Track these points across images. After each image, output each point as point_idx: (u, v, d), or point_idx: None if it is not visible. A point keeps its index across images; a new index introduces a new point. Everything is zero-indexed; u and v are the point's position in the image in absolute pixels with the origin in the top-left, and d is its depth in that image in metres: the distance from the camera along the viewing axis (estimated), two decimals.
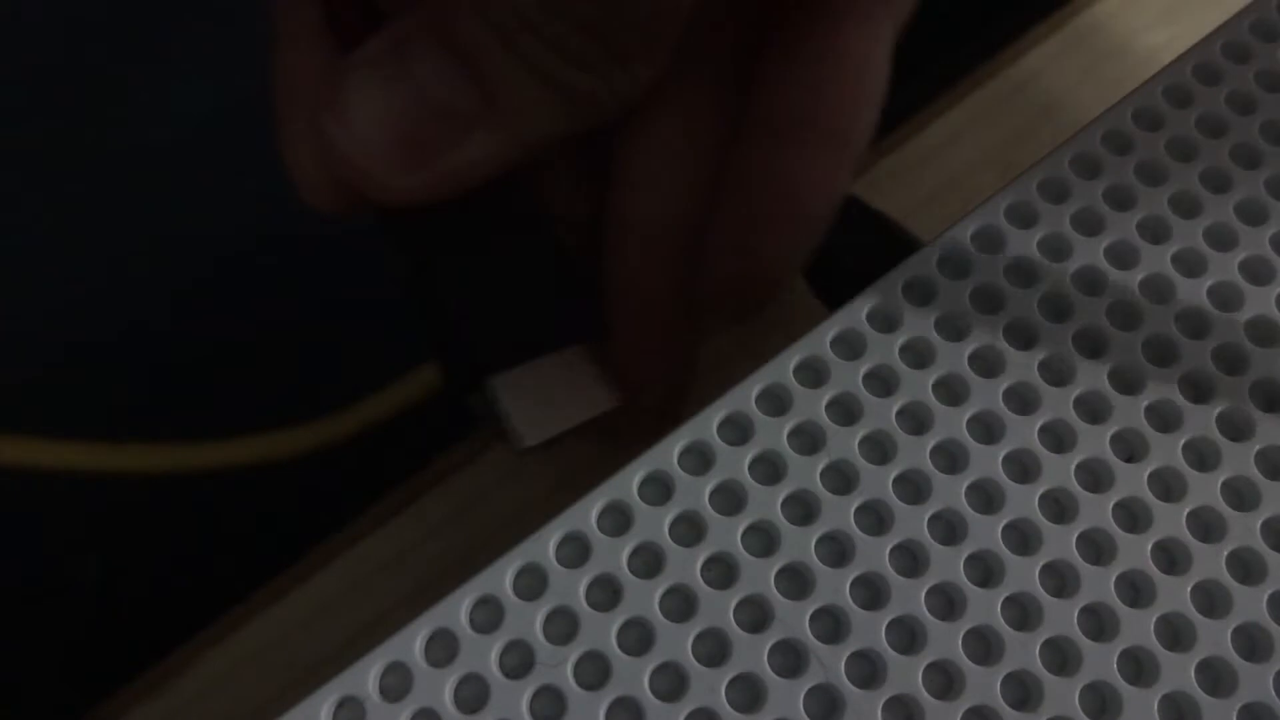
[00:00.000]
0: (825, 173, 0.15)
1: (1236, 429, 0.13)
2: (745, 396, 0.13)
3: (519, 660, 0.12)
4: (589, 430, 0.15)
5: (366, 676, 0.12)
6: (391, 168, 0.14)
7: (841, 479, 0.13)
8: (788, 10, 0.16)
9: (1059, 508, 0.13)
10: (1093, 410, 0.13)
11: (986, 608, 0.12)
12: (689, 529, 0.13)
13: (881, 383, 0.13)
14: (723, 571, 0.12)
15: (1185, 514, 0.13)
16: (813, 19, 0.16)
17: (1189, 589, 0.12)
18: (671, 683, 0.12)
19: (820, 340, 0.14)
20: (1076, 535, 0.12)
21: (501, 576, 0.12)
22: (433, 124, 0.14)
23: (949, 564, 0.12)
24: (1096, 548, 0.13)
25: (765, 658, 0.12)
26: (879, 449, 0.13)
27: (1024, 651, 0.12)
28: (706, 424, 0.13)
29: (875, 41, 0.16)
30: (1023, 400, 0.13)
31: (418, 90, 0.14)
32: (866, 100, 0.16)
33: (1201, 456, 0.13)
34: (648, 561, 0.12)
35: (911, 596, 0.12)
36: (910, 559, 0.12)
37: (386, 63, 0.14)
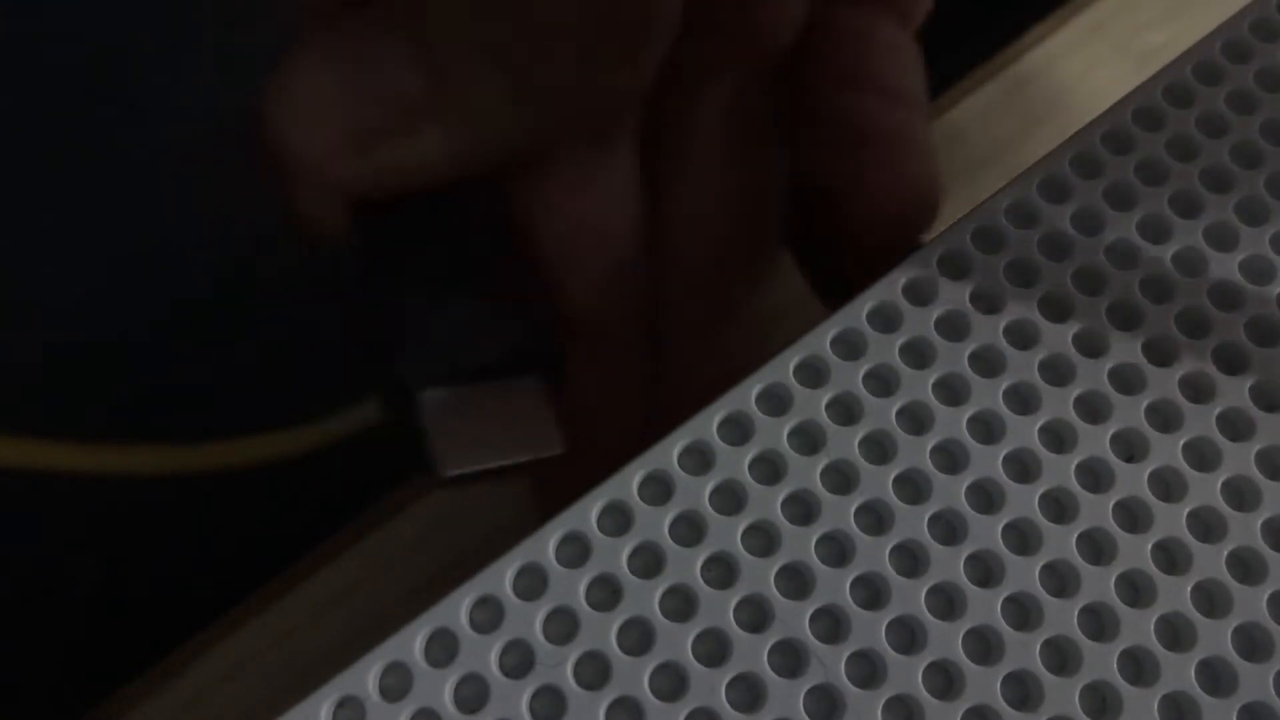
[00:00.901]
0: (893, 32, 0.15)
1: (1236, 429, 0.13)
2: (745, 396, 0.13)
3: (519, 660, 0.12)
4: (525, 477, 0.14)
5: (366, 676, 0.12)
6: (329, 155, 0.13)
7: (841, 479, 0.13)
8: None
9: (1059, 508, 0.13)
10: (1093, 410, 0.13)
11: (986, 608, 0.12)
12: (689, 529, 0.13)
13: (881, 382, 0.13)
14: (723, 571, 0.12)
15: (1185, 514, 0.13)
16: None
17: (1189, 589, 0.12)
18: (671, 682, 0.12)
19: (820, 340, 0.14)
20: (1076, 535, 0.12)
21: (501, 576, 0.12)
22: (379, 111, 0.13)
23: (949, 564, 0.12)
24: (1096, 548, 0.13)
25: (765, 658, 0.12)
26: (879, 449, 0.13)
27: (1024, 651, 0.12)
28: (706, 423, 0.13)
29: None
30: (1023, 400, 0.13)
31: (368, 74, 0.13)
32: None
33: (1202, 456, 0.13)
34: (648, 561, 0.12)
35: (911, 596, 0.12)
36: (910, 559, 0.12)
37: (344, 43, 0.13)
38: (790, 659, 0.12)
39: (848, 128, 0.15)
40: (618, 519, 0.13)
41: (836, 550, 0.12)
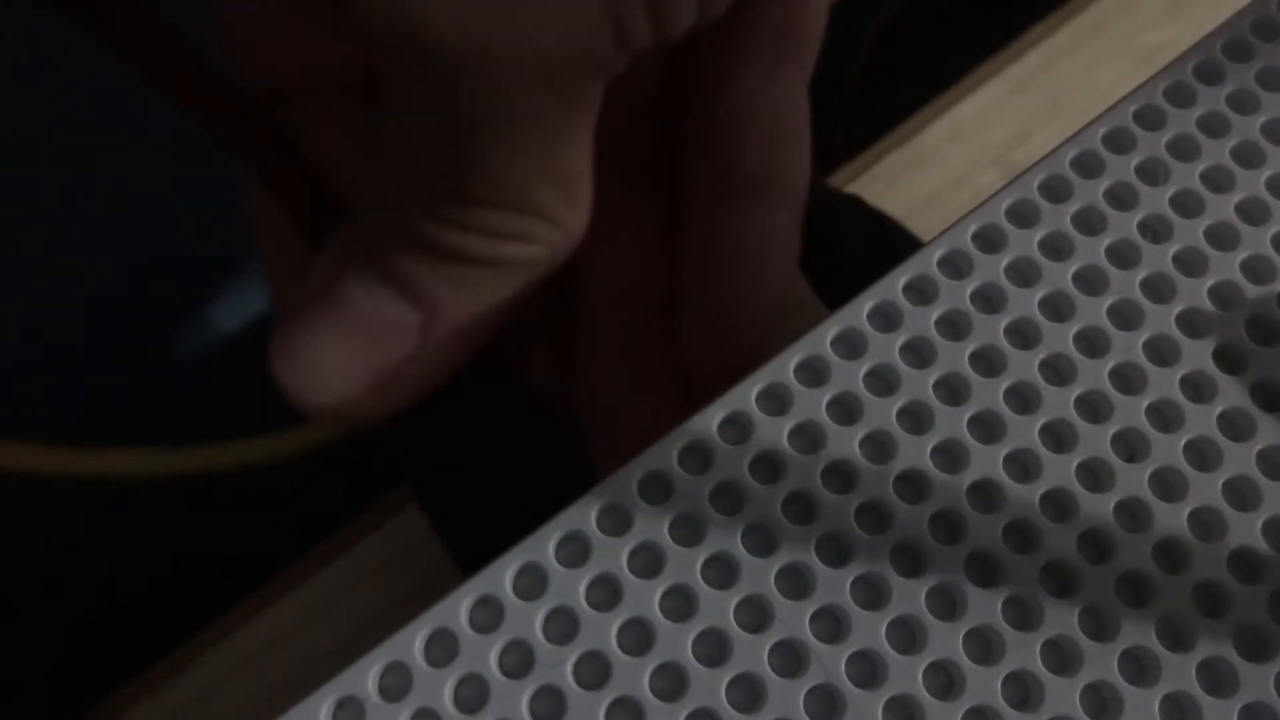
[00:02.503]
0: (763, 229, 0.15)
1: (1237, 429, 0.13)
2: (745, 396, 0.13)
3: (519, 660, 0.12)
4: None
5: (366, 676, 0.12)
6: (356, 404, 0.14)
7: (842, 478, 0.13)
8: (694, 80, 0.16)
9: (1060, 507, 0.13)
10: (1094, 409, 0.13)
11: (987, 608, 0.12)
12: (689, 529, 0.13)
13: (882, 382, 0.13)
14: (723, 571, 0.12)
15: (1186, 514, 0.13)
16: (716, 86, 0.15)
17: (1190, 588, 0.12)
18: (671, 683, 0.12)
19: (820, 339, 0.14)
20: (1078, 535, 0.12)
21: (501, 576, 0.12)
22: (385, 351, 0.14)
23: (950, 564, 0.12)
24: (1098, 547, 0.13)
25: (765, 658, 0.12)
26: (879, 448, 0.13)
27: (1024, 651, 0.12)
28: (706, 423, 0.13)
29: (780, 94, 0.15)
30: (1023, 399, 0.13)
31: (362, 324, 0.14)
32: (780, 152, 0.15)
33: (1202, 456, 0.13)
34: (648, 561, 0.12)
35: (912, 596, 0.12)
36: (911, 559, 0.12)
37: (327, 300, 0.14)
38: (790, 659, 0.12)
39: (714, 243, 0.16)
40: (618, 518, 0.13)
41: (837, 550, 0.12)
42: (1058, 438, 0.13)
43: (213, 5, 0.15)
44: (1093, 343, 0.14)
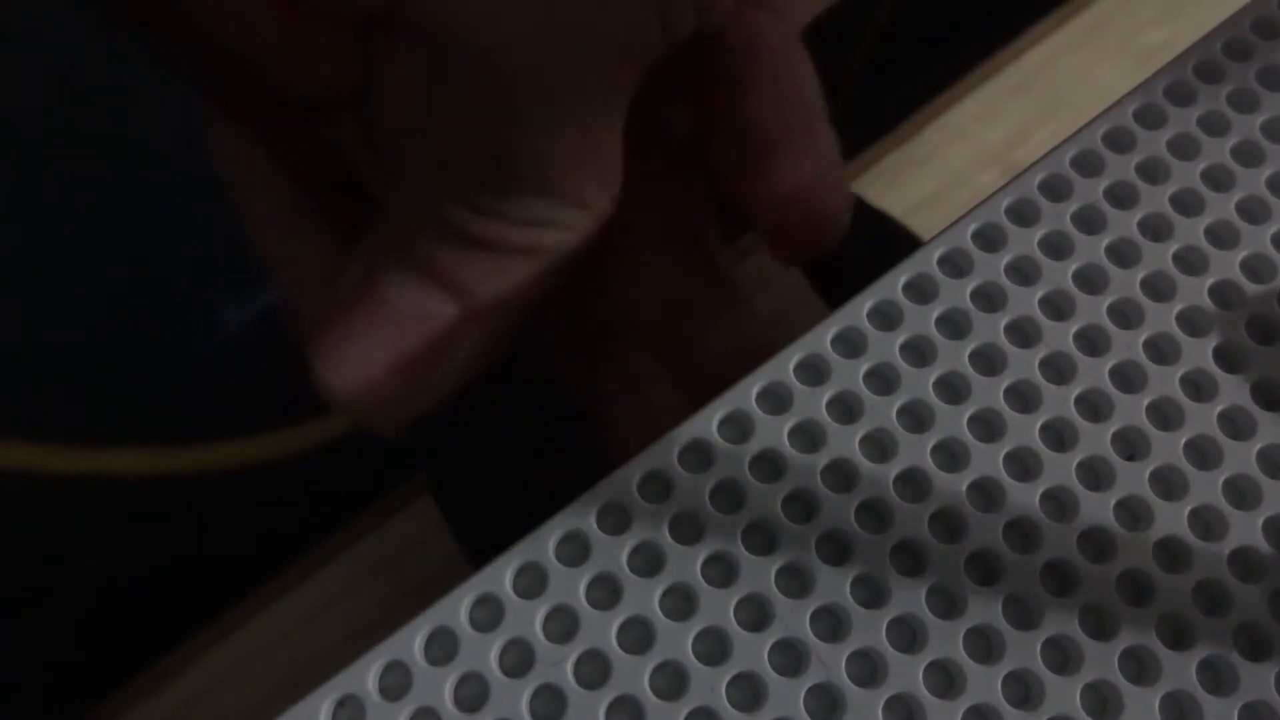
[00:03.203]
0: (791, 170, 0.15)
1: (1237, 427, 0.13)
2: (745, 394, 0.13)
3: (519, 659, 0.12)
4: None
5: (366, 675, 0.12)
6: (398, 400, 0.14)
7: (841, 477, 0.13)
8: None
9: (1060, 506, 0.13)
10: (1094, 408, 0.13)
11: (987, 606, 0.12)
12: (689, 527, 0.13)
13: (882, 381, 0.13)
14: (723, 570, 0.12)
15: (1186, 512, 0.13)
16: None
17: (1190, 587, 0.12)
18: (671, 682, 0.12)
19: (820, 338, 0.14)
20: (1077, 534, 0.12)
21: (501, 575, 0.12)
22: (422, 343, 0.14)
23: (950, 562, 0.12)
24: (1098, 546, 0.13)
25: (765, 657, 0.12)
26: (879, 447, 0.13)
27: (1024, 651, 0.12)
28: (706, 422, 0.13)
29: (779, 34, 0.15)
30: (1024, 398, 0.13)
31: (398, 318, 0.14)
32: (787, 96, 0.15)
33: (1202, 455, 0.13)
34: (648, 560, 0.12)
35: (912, 596, 0.12)
36: (911, 557, 0.12)
37: (364, 299, 0.14)
38: (791, 658, 0.12)
39: (743, 139, 0.15)
40: (617, 517, 0.13)
41: (837, 549, 0.12)
42: (1058, 436, 0.13)
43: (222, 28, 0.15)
44: (1093, 341, 0.14)
